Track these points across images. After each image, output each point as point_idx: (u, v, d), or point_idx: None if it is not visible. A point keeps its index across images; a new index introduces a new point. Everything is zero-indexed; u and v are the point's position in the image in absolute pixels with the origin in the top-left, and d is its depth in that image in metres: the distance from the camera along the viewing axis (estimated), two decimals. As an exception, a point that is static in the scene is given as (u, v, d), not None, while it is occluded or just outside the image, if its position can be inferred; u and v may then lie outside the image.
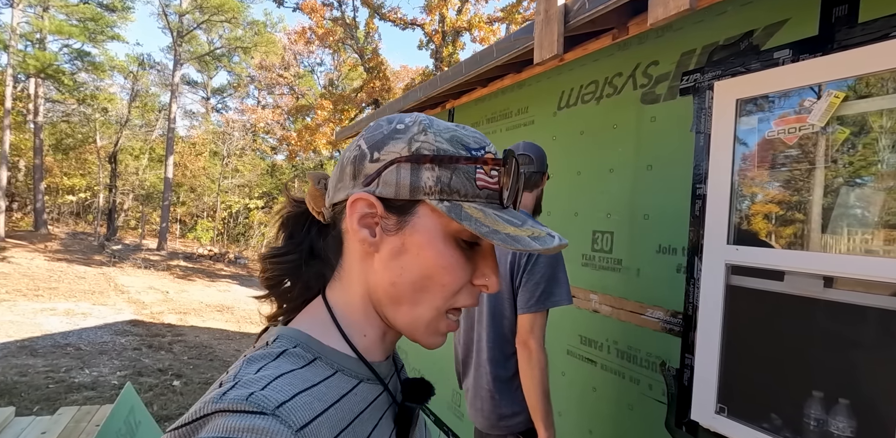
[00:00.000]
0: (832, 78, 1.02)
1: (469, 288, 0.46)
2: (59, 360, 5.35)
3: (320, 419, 0.37)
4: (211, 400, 0.34)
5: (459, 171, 0.43)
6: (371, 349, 0.48)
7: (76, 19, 16.38)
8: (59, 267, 11.77)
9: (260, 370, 0.38)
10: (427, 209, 0.43)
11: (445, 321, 0.46)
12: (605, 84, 1.64)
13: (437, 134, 0.44)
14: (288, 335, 0.44)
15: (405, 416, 0.47)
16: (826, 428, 1.04)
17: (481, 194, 0.44)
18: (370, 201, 0.43)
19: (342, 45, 14.08)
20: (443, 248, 0.43)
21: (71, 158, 20.16)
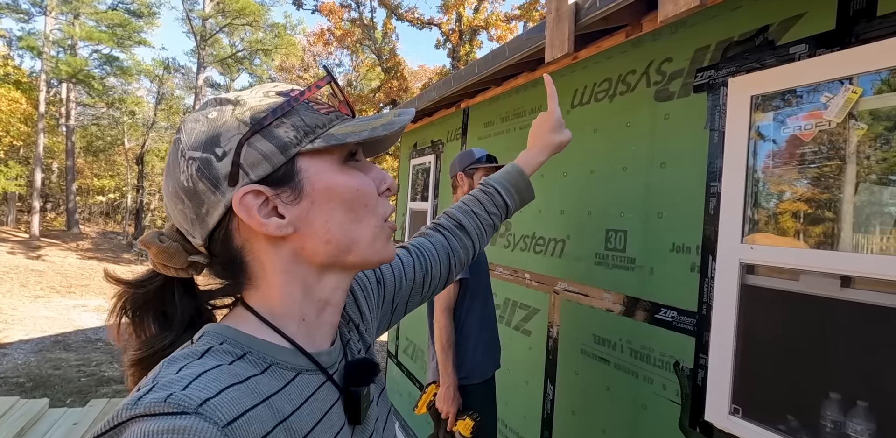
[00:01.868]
0: (851, 73, 0.99)
1: (379, 200, 0.48)
2: (90, 354, 5.57)
3: (250, 413, 0.35)
4: (125, 407, 0.32)
5: (302, 111, 0.43)
6: (310, 337, 0.46)
7: (105, 26, 16.94)
8: (91, 265, 12.20)
9: (181, 369, 0.36)
10: (306, 158, 0.43)
11: (389, 229, 0.48)
12: (619, 81, 1.63)
13: (248, 97, 0.44)
14: (214, 332, 0.41)
15: (352, 402, 0.47)
16: (843, 431, 1.02)
17: (333, 117, 0.45)
18: (254, 190, 0.40)
19: (360, 45, 14.21)
20: (345, 176, 0.45)
21: (101, 159, 20.87)
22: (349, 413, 0.47)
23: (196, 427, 0.30)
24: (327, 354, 0.48)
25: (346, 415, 0.46)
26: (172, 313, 0.47)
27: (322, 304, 0.47)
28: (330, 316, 0.49)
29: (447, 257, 0.76)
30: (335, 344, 0.50)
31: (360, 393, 0.47)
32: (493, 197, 0.84)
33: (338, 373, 0.48)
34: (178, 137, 0.43)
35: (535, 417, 1.99)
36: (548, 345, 1.96)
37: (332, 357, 0.48)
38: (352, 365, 0.50)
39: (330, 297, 0.48)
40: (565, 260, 1.87)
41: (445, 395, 1.63)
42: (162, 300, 0.47)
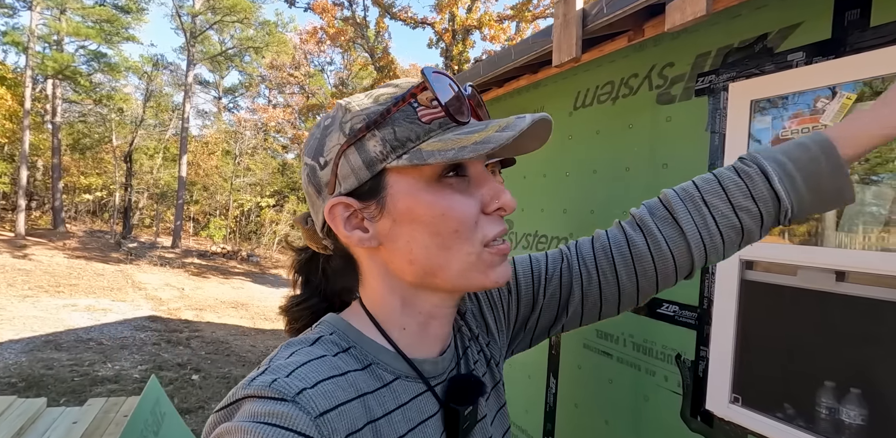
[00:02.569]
0: (845, 80, 1.06)
1: (487, 219, 0.42)
2: (82, 354, 5.51)
3: (342, 408, 0.36)
4: (242, 385, 0.36)
5: (399, 120, 0.40)
6: (415, 344, 0.45)
7: (92, 21, 16.67)
8: (79, 264, 12.03)
9: (292, 355, 0.39)
10: (394, 174, 0.41)
11: (495, 252, 0.42)
12: (621, 85, 1.69)
13: (359, 106, 0.42)
14: (329, 322, 0.45)
15: (452, 419, 0.44)
16: (838, 417, 1.08)
17: (434, 127, 0.40)
18: (343, 202, 0.42)
19: (353, 44, 14.18)
20: (431, 197, 0.40)
21: (87, 157, 20.53)
22: (448, 430, 0.44)
23: (291, 414, 0.33)
24: (432, 363, 0.46)
25: (444, 432, 0.44)
26: (313, 279, 0.52)
27: (424, 318, 0.45)
28: (437, 329, 0.47)
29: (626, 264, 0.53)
30: (445, 354, 0.48)
31: (461, 411, 0.44)
32: (752, 181, 0.49)
33: (442, 386, 0.46)
34: (307, 137, 0.46)
35: (537, 411, 2.04)
36: (550, 340, 2.01)
37: (437, 367, 0.46)
38: (454, 380, 0.46)
39: (433, 312, 0.46)
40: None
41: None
42: (309, 268, 0.52)
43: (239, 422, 0.33)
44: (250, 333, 7.24)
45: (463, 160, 0.39)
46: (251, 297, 10.29)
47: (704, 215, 0.51)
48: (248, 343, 6.59)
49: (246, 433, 0.32)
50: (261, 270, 15.20)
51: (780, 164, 0.49)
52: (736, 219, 0.50)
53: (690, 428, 1.39)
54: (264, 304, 9.48)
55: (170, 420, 2.56)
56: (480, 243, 0.42)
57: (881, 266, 1.00)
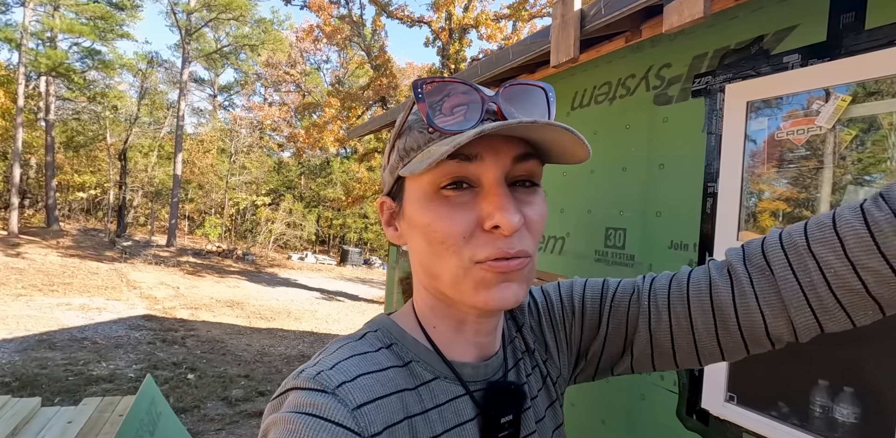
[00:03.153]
0: (839, 82, 1.07)
1: (484, 236, 0.38)
2: (76, 353, 5.48)
3: (379, 402, 0.38)
4: (292, 376, 0.39)
5: (413, 130, 0.41)
6: (451, 345, 0.45)
7: (86, 18, 16.53)
8: (72, 263, 11.95)
9: (338, 349, 0.42)
10: (407, 182, 0.43)
11: (488, 270, 0.38)
12: (619, 85, 1.69)
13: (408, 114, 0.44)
14: (376, 321, 0.47)
15: (490, 427, 0.43)
16: (831, 415, 1.10)
17: (434, 136, 0.40)
18: (384, 201, 0.47)
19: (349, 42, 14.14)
20: (424, 205, 0.40)
21: (81, 155, 20.39)
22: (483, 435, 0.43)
23: (331, 406, 0.35)
24: (472, 367, 0.45)
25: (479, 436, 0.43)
26: None
27: (453, 321, 0.45)
28: (471, 335, 0.45)
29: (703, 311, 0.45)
30: (489, 362, 0.46)
31: (494, 418, 0.43)
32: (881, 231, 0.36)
33: (479, 392, 0.45)
34: None
35: (534, 409, 2.05)
36: (547, 339, 2.02)
37: (478, 372, 0.45)
38: (492, 385, 0.45)
39: (461, 317, 0.45)
40: (565, 257, 1.93)
41: None
42: None
43: (283, 413, 0.36)
44: (246, 332, 7.22)
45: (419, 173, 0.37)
46: (247, 296, 10.26)
47: (810, 271, 0.39)
48: (244, 342, 6.57)
49: (288, 422, 0.34)
50: (256, 268, 15.15)
51: None
52: (857, 280, 0.37)
53: (686, 427, 1.40)
54: (260, 303, 9.45)
55: (166, 419, 2.55)
56: (469, 260, 0.39)
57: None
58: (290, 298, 10.37)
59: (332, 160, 22.83)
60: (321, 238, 24.10)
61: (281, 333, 7.15)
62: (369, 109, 12.73)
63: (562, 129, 0.36)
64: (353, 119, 12.11)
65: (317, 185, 23.12)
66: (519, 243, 0.39)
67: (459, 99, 0.39)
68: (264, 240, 19.37)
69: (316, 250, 22.43)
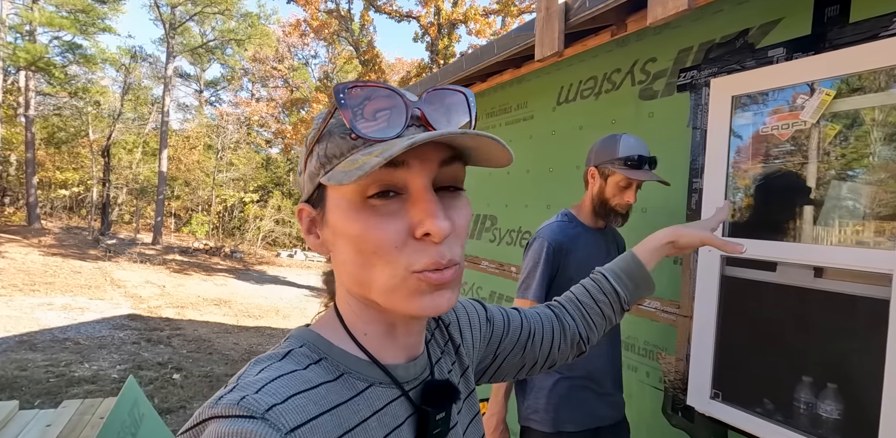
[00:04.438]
0: (824, 76, 1.05)
1: (417, 244, 0.38)
2: (58, 354, 5.37)
3: (314, 422, 0.36)
4: (208, 405, 0.35)
5: (334, 135, 0.40)
6: (382, 350, 0.45)
7: (66, 11, 16.12)
8: (55, 262, 11.72)
9: (262, 371, 0.39)
10: (329, 189, 0.42)
11: (423, 280, 0.39)
12: (604, 80, 1.67)
13: (318, 116, 0.43)
14: (298, 335, 0.44)
15: (423, 421, 0.44)
16: (815, 411, 1.09)
17: (358, 143, 0.39)
18: (303, 208, 0.44)
19: (337, 37, 13.99)
20: (350, 216, 0.39)
21: (63, 151, 19.96)
22: (419, 433, 0.44)
23: (261, 432, 0.32)
24: (403, 368, 0.46)
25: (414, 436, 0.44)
26: None
27: (385, 325, 0.45)
28: (403, 337, 0.46)
29: (552, 331, 0.68)
30: (417, 361, 0.48)
31: (432, 414, 0.44)
32: (601, 284, 0.72)
33: (415, 391, 0.46)
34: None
35: (521, 407, 2.04)
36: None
37: (409, 373, 0.46)
38: (428, 385, 0.47)
39: (394, 321, 0.45)
40: (550, 254, 1.92)
41: (486, 424, 1.37)
42: None
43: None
44: (233, 330, 7.13)
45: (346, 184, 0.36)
46: (234, 294, 10.15)
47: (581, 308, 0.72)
48: (232, 341, 6.49)
49: None
50: (244, 266, 15.00)
51: (612, 271, 0.73)
52: (597, 307, 0.72)
53: (672, 424, 1.40)
54: (248, 301, 9.35)
55: (149, 421, 2.50)
56: (405, 269, 0.38)
57: (857, 263, 1.00)
58: (279, 295, 10.27)
59: (320, 157, 22.58)
60: (310, 235, 23.88)
61: (269, 331, 7.08)
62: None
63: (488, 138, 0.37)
64: (342, 115, 11.99)
65: (306, 181, 22.86)
66: (449, 252, 0.39)
67: (382, 103, 0.39)
68: (252, 237, 19.18)
69: (305, 247, 22.28)
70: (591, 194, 1.31)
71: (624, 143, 1.25)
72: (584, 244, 1.30)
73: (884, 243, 0.99)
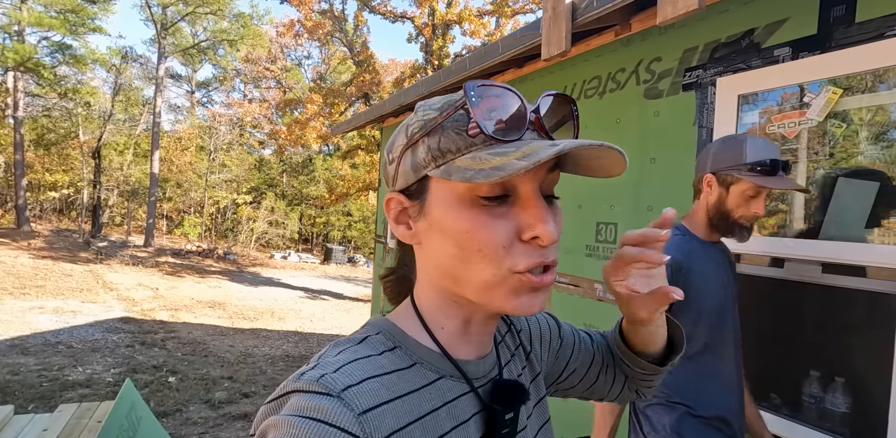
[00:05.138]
0: (830, 75, 1.07)
1: (522, 246, 0.39)
2: (51, 358, 5.30)
3: (385, 406, 0.37)
4: (292, 379, 0.37)
5: (447, 130, 0.40)
6: (455, 345, 0.46)
7: (55, 11, 15.94)
8: (45, 265, 11.56)
9: (340, 353, 0.41)
10: (434, 182, 0.42)
11: (520, 282, 0.40)
12: (609, 79, 1.69)
13: (426, 108, 0.43)
14: (375, 323, 0.46)
15: (492, 419, 0.45)
16: (822, 405, 1.11)
17: (476, 141, 0.39)
18: (396, 198, 0.44)
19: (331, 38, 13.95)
20: (458, 212, 0.40)
21: (53, 153, 19.70)
22: (488, 431, 0.45)
23: (336, 410, 0.34)
24: (474, 364, 0.47)
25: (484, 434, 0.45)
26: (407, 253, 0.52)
27: (461, 321, 0.46)
28: (477, 335, 0.47)
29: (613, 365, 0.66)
30: (486, 359, 0.49)
31: (501, 413, 0.45)
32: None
33: (484, 389, 0.47)
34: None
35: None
36: (538, 335, 2.02)
37: (479, 369, 0.47)
38: (498, 383, 0.47)
39: (469, 317, 0.46)
40: (555, 253, 1.93)
41: None
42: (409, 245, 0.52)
43: (284, 416, 0.34)
44: (228, 332, 7.08)
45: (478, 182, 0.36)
46: (229, 296, 10.07)
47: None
48: (227, 343, 6.44)
49: (291, 427, 0.33)
50: (238, 268, 14.89)
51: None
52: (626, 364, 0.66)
53: (678, 420, 1.41)
54: (242, 303, 9.28)
55: (146, 424, 2.48)
56: (508, 270, 0.39)
57: (867, 258, 1.02)
58: (274, 297, 10.21)
59: (314, 157, 22.54)
60: (304, 237, 23.80)
61: (265, 333, 7.03)
62: (352, 106, 12.60)
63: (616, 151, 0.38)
64: (336, 116, 11.97)
65: (299, 182, 22.81)
66: (552, 254, 0.41)
67: (507, 104, 0.40)
68: (246, 239, 19.06)
69: (299, 248, 22.16)
70: (705, 204, 1.15)
71: (751, 145, 1.06)
72: (702, 261, 1.12)
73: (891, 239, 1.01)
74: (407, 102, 2.84)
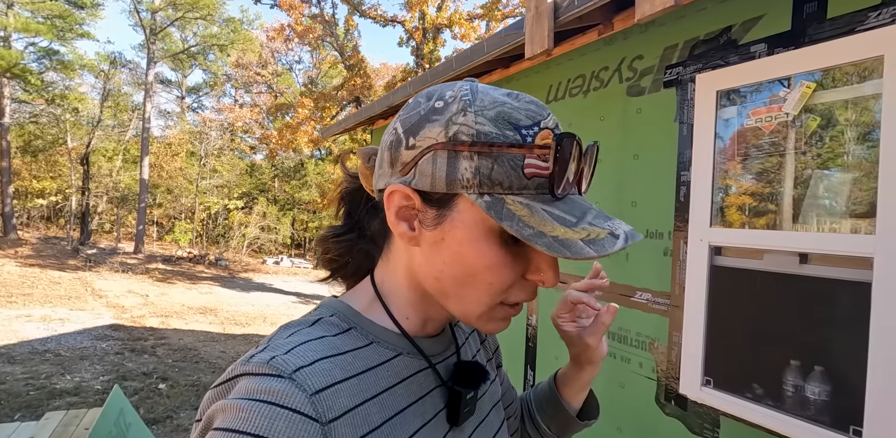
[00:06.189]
0: (804, 70, 1.10)
1: (522, 283, 0.42)
2: (38, 367, 5.22)
3: (339, 386, 0.37)
4: (241, 362, 0.37)
5: (503, 158, 0.37)
6: (412, 328, 0.47)
7: (43, 16, 15.82)
8: (32, 273, 11.40)
9: (291, 335, 0.40)
10: (467, 203, 0.38)
11: (502, 311, 0.43)
12: (592, 78, 1.71)
13: (478, 113, 0.38)
14: (328, 305, 0.46)
15: (452, 400, 0.46)
16: (803, 394, 1.12)
17: (530, 185, 0.37)
18: (406, 193, 0.40)
19: (322, 42, 13.96)
20: (485, 246, 0.39)
21: (40, 160, 19.49)
22: (450, 409, 0.46)
23: (287, 391, 0.34)
24: (429, 342, 0.48)
25: (442, 409, 0.46)
26: (354, 213, 0.52)
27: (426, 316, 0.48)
28: (436, 325, 0.49)
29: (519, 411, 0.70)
30: (442, 335, 0.50)
31: (462, 393, 0.46)
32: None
33: (442, 367, 0.48)
34: (411, 102, 0.43)
35: (516, 403, 2.05)
36: (527, 332, 2.02)
37: (434, 347, 0.48)
38: (460, 364, 0.49)
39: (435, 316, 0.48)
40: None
41: None
42: (353, 198, 0.52)
43: (233, 400, 0.34)
44: (220, 339, 7.02)
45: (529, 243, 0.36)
46: (220, 302, 9.98)
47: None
48: (218, 349, 6.39)
49: (240, 410, 0.32)
50: (230, 274, 14.77)
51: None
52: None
53: (665, 413, 1.42)
54: (234, 309, 9.20)
55: (135, 430, 2.45)
56: (498, 301, 0.42)
57: (841, 248, 1.04)
58: (266, 303, 10.14)
59: (306, 162, 22.47)
60: (297, 242, 23.68)
61: (257, 338, 6.98)
62: (343, 110, 12.60)
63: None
64: (328, 120, 11.96)
65: (291, 187, 22.71)
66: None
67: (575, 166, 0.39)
68: (237, 245, 18.92)
69: (291, 253, 22.04)
70: None
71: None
72: None
73: (865, 228, 1.03)
74: (396, 103, 2.85)
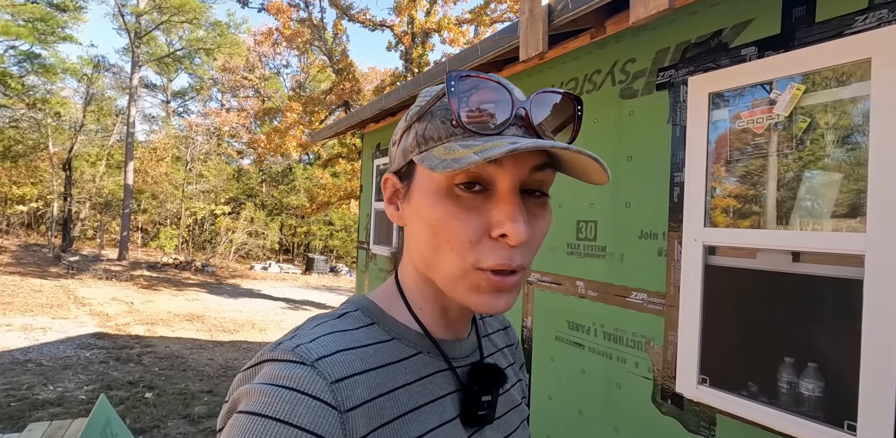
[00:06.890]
0: (794, 72, 1.12)
1: (490, 243, 0.38)
2: (19, 377, 5.08)
3: (358, 377, 0.37)
4: (268, 348, 0.39)
5: (436, 117, 0.40)
6: (434, 325, 0.47)
7: (23, 19, 15.55)
8: (12, 281, 11.12)
9: (317, 326, 0.42)
10: (419, 167, 0.42)
11: (485, 279, 0.39)
12: (585, 81, 1.73)
13: (425, 94, 0.43)
14: (354, 300, 0.48)
15: (471, 402, 0.45)
16: (797, 390, 1.14)
17: (458, 131, 0.39)
18: (390, 178, 0.46)
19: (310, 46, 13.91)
20: (433, 200, 0.40)
21: (20, 165, 19.04)
22: (465, 412, 0.45)
23: (309, 378, 0.35)
24: (451, 344, 0.47)
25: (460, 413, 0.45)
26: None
27: (441, 308, 0.47)
28: (455, 319, 0.48)
29: None
30: (464, 342, 0.49)
31: (478, 393, 0.45)
32: None
33: (462, 370, 0.47)
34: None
35: (512, 405, 2.05)
36: (522, 334, 2.02)
37: (456, 350, 0.48)
38: (476, 365, 0.48)
39: (449, 305, 0.47)
40: (538, 252, 1.95)
41: None
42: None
43: (257, 384, 0.35)
44: (208, 346, 6.90)
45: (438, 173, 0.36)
46: (207, 308, 9.82)
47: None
48: (206, 357, 6.27)
49: (263, 395, 0.34)
50: (217, 280, 14.56)
51: None
52: None
53: (662, 412, 1.43)
54: (222, 315, 9.06)
55: (123, 440, 2.39)
56: (471, 265, 0.39)
57: (833, 246, 1.06)
58: (254, 309, 10.00)
59: (294, 167, 22.31)
60: (285, 247, 23.44)
61: (246, 345, 6.88)
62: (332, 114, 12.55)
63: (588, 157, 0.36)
64: (316, 124, 11.90)
65: (279, 192, 22.51)
66: (520, 257, 0.39)
67: (489, 96, 0.39)
68: (224, 250, 18.66)
69: (280, 259, 21.81)
70: None
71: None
72: None
73: (856, 227, 1.05)
74: (388, 107, 2.85)
